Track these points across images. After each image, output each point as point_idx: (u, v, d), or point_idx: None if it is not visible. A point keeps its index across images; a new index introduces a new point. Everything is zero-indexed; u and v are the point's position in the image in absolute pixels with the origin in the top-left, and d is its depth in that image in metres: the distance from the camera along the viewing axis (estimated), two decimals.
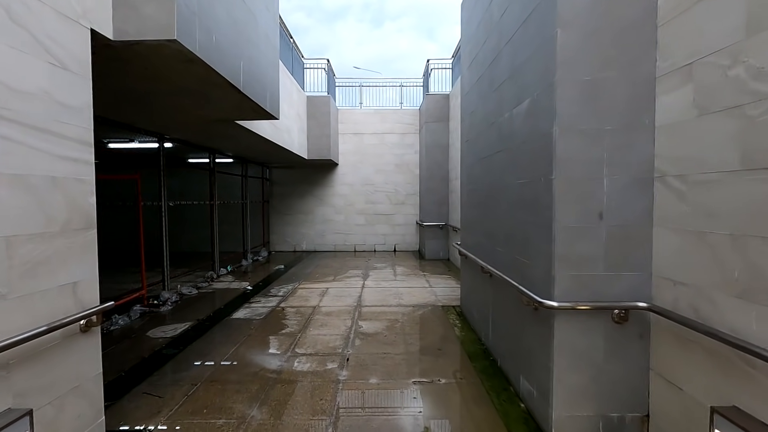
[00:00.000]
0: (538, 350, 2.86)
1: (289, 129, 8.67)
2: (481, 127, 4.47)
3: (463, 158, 5.55)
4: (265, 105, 4.82)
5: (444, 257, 10.66)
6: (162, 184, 6.42)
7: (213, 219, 8.45)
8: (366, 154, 12.31)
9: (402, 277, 8.31)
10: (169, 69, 3.32)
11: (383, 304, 6.17)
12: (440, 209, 10.60)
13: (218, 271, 8.48)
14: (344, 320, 5.33)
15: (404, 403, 3.25)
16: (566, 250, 2.58)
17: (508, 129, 3.56)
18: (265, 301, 6.41)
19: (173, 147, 7.56)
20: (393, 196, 12.39)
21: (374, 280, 7.94)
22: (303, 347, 4.38)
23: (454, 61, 10.59)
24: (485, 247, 4.32)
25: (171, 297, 6.31)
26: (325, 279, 8.12)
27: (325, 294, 6.82)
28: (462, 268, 5.73)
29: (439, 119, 10.54)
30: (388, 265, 9.83)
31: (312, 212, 12.43)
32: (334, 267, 9.57)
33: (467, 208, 5.31)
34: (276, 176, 12.44)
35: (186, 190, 11.33)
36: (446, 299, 6.43)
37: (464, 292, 5.57)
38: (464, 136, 5.46)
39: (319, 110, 10.55)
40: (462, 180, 5.64)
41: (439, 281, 7.83)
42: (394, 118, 12.30)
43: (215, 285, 7.64)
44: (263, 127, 6.84)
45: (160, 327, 5.09)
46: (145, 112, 4.86)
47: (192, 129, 6.05)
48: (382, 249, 12.44)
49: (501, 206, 3.79)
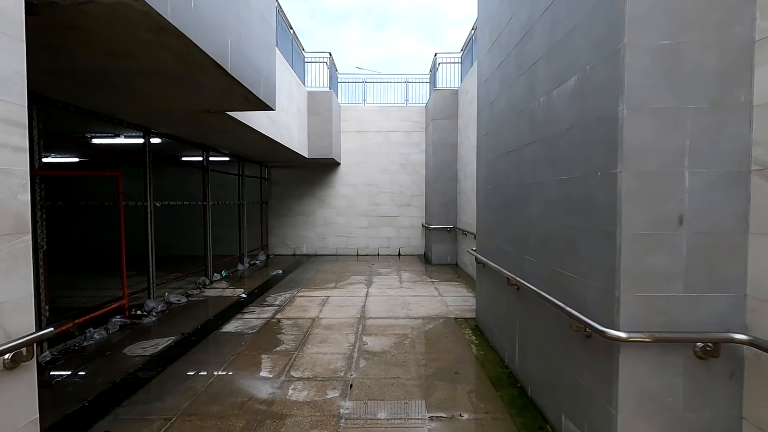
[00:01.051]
0: (593, 387, 2.28)
1: (288, 125, 8.12)
2: (506, 117, 3.90)
3: (480, 154, 4.98)
4: (259, 92, 4.26)
5: (452, 262, 10.08)
6: (148, 182, 5.86)
7: (206, 221, 7.90)
8: (369, 153, 11.76)
9: (409, 284, 7.73)
10: (138, 41, 2.76)
11: (390, 315, 5.59)
12: (448, 211, 10.02)
13: (211, 277, 7.92)
14: (347, 335, 4.76)
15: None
16: (635, 265, 2.00)
17: (543, 116, 3.00)
18: (260, 311, 5.83)
19: (163, 143, 7.01)
20: (398, 197, 11.82)
21: (379, 288, 7.36)
22: (299, 369, 3.81)
23: (463, 55, 10.03)
24: (510, 255, 3.74)
25: (156, 306, 5.75)
26: (326, 286, 7.54)
27: (326, 303, 6.24)
28: (478, 277, 5.15)
29: (447, 116, 9.97)
30: (393, 270, 9.25)
31: (313, 214, 11.87)
32: (335, 272, 8.99)
33: (486, 210, 4.73)
34: (275, 176, 11.89)
35: (181, 191, 10.78)
36: (459, 310, 5.84)
37: (481, 304, 4.99)
38: (482, 130, 4.89)
39: (321, 106, 10.01)
40: (479, 178, 5.07)
41: (449, 289, 7.25)
42: (400, 116, 11.74)
43: (207, 292, 7.07)
44: (259, 122, 6.28)
45: (139, 342, 4.52)
46: (124, 99, 4.31)
47: (180, 122, 5.50)
48: (386, 253, 11.86)
49: (532, 207, 3.22)
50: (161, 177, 11.99)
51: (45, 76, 3.48)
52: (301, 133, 9.28)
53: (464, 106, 9.18)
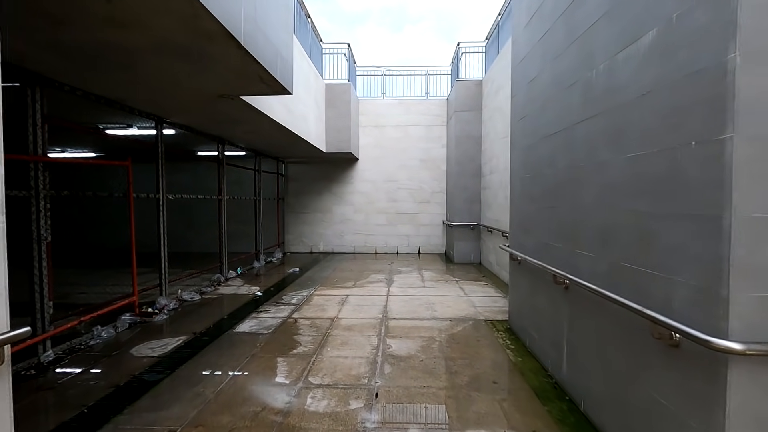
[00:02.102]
0: (682, 410, 1.84)
1: (305, 116, 7.80)
2: (549, 95, 3.46)
3: (515, 141, 4.54)
4: (275, 73, 3.92)
5: (475, 261, 9.60)
6: (160, 174, 5.61)
7: (221, 216, 7.65)
8: (388, 148, 11.38)
9: (431, 283, 7.31)
10: (139, 2, 2.44)
11: (414, 316, 5.19)
12: (471, 208, 9.56)
13: (226, 274, 7.66)
14: (369, 337, 4.38)
15: None
16: (751, 257, 1.56)
17: (604, 85, 2.55)
18: (276, 310, 5.51)
19: (177, 134, 6.78)
20: (417, 193, 11.40)
21: (400, 287, 6.97)
22: (318, 375, 3.45)
23: (487, 44, 9.55)
24: (556, 249, 3.30)
25: (169, 304, 5.49)
26: (345, 284, 7.19)
27: (345, 303, 5.88)
28: (512, 275, 4.70)
29: (471, 108, 9.51)
30: (414, 269, 8.84)
31: (330, 211, 11.56)
32: (353, 270, 8.64)
33: (522, 201, 4.29)
34: (292, 172, 11.63)
35: (198, 186, 10.62)
36: (488, 311, 5.40)
37: (516, 304, 4.54)
38: (517, 114, 4.44)
39: (339, 99, 9.67)
40: (513, 168, 4.62)
41: (475, 289, 6.80)
42: (420, 109, 11.33)
43: (221, 290, 6.80)
44: (276, 110, 5.97)
45: (148, 342, 4.24)
46: (132, 83, 4.03)
47: (193, 109, 5.22)
48: (405, 251, 11.46)
49: (586, 194, 2.78)
50: (177, 172, 11.85)
51: (47, 52, 3.21)
52: (318, 126, 8.96)
53: (489, 97, 8.70)
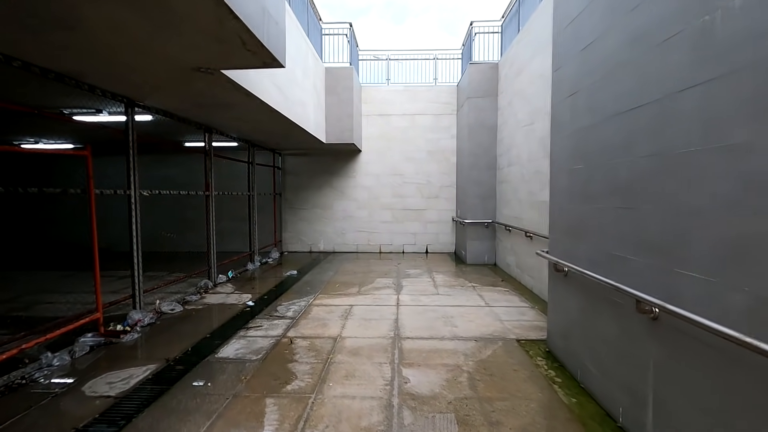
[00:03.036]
0: None
1: (303, 102, 6.95)
2: (621, 59, 2.61)
3: (559, 125, 3.69)
4: (262, 34, 3.08)
5: (489, 262, 8.79)
6: (132, 166, 4.77)
7: (209, 214, 6.82)
8: (393, 139, 10.52)
9: (445, 289, 6.50)
10: None
11: (432, 334, 4.38)
12: (485, 204, 8.72)
13: (215, 279, 6.85)
14: (380, 366, 3.58)
15: None
16: None
17: (739, 29, 1.72)
18: (269, 326, 4.71)
19: (157, 121, 5.94)
20: (425, 188, 10.57)
21: (410, 294, 6.16)
22: (319, 427, 2.64)
23: (504, 23, 8.66)
24: (635, 264, 2.47)
25: (143, 318, 4.69)
26: (348, 291, 6.38)
27: (349, 315, 5.08)
28: (554, 288, 3.88)
29: (485, 94, 8.63)
30: (424, 271, 8.03)
31: (331, 207, 10.73)
32: (357, 273, 7.83)
33: (571, 199, 3.45)
34: (289, 165, 10.78)
35: (190, 181, 9.81)
36: (518, 328, 4.60)
37: (559, 324, 3.72)
38: (562, 91, 3.60)
39: (341, 84, 8.80)
40: (556, 158, 3.77)
41: (497, 297, 5.99)
42: (428, 97, 10.45)
43: (208, 298, 5.99)
44: (269, 92, 5.13)
45: (108, 374, 3.43)
46: (81, 47, 3.18)
47: (168, 88, 4.37)
48: (412, 250, 10.65)
49: (702, 191, 1.94)
50: (166, 166, 11.06)
51: None
52: (317, 113, 8.11)
53: (507, 81, 7.83)
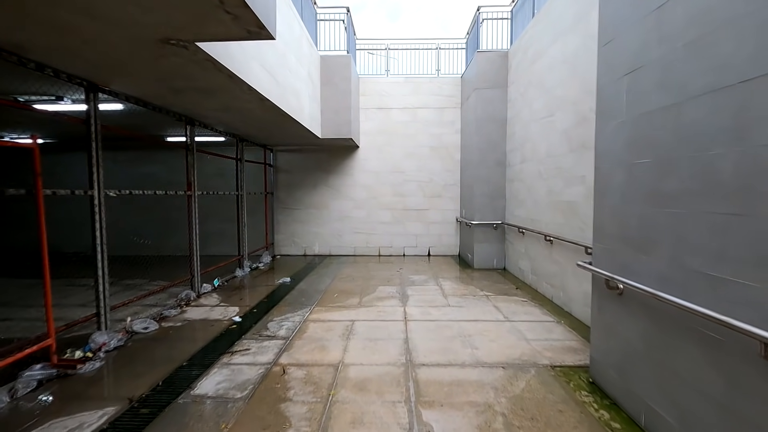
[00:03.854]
0: None
1: (297, 91, 6.24)
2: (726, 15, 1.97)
3: (609, 111, 3.04)
4: None
5: (498, 266, 8.16)
6: (95, 162, 4.05)
7: (191, 216, 6.10)
8: (394, 133, 9.84)
9: (456, 299, 5.85)
10: None
11: (450, 360, 3.72)
12: (494, 203, 8.09)
13: (199, 289, 6.13)
14: (393, 406, 2.91)
15: None
16: None
17: None
18: (258, 349, 4.02)
19: (131, 111, 5.20)
20: (427, 186, 9.91)
21: (418, 305, 5.51)
22: None
23: (514, 9, 8.01)
24: (755, 293, 1.83)
25: (109, 341, 3.97)
26: (348, 302, 5.71)
27: (351, 333, 4.41)
28: (602, 308, 3.22)
29: (494, 84, 7.98)
30: (429, 277, 7.37)
31: (326, 207, 10.03)
32: (357, 280, 7.16)
33: (630, 200, 2.80)
34: (282, 162, 10.05)
35: (175, 180, 9.08)
36: (548, 349, 3.96)
37: (614, 354, 3.07)
38: (616, 68, 2.94)
39: (338, 74, 8.10)
40: (604, 151, 3.12)
41: (514, 308, 5.35)
42: (430, 89, 9.78)
43: (189, 313, 5.27)
44: (257, 76, 4.43)
45: (51, 424, 2.72)
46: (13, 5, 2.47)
47: (135, 68, 3.65)
48: (413, 253, 9.99)
49: None
50: (149, 163, 10.28)
51: None
52: (312, 105, 7.40)
53: (520, 70, 7.19)
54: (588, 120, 4.64)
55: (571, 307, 5.08)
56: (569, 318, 4.91)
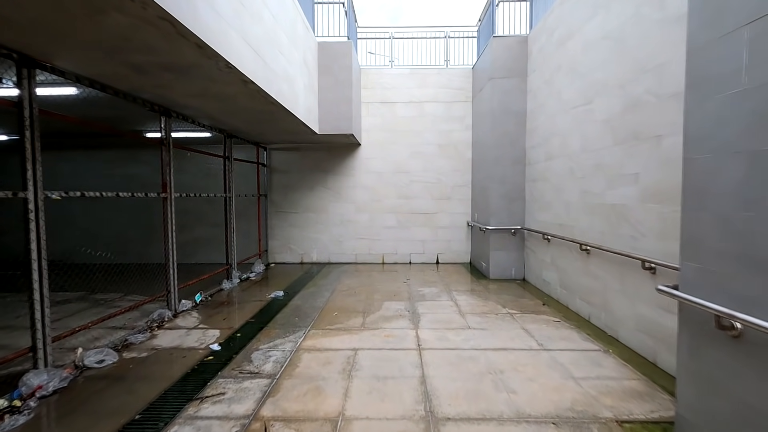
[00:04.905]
0: None
1: (290, 77, 5.42)
2: None
3: (704, 84, 2.19)
4: None
5: (517, 276, 7.31)
6: (32, 157, 3.21)
7: (167, 222, 5.25)
8: (398, 130, 9.01)
9: (476, 319, 5.00)
10: None
11: (483, 411, 2.86)
12: (512, 206, 7.25)
13: (176, 306, 5.28)
14: None
15: None
16: None
17: None
18: (235, 392, 3.17)
19: (89, 97, 4.38)
20: (435, 188, 9.07)
21: (433, 327, 4.66)
22: None
23: None
24: None
25: (48, 383, 3.13)
26: (349, 322, 4.86)
27: (354, 369, 3.56)
28: (702, 352, 2.35)
29: (512, 73, 7.16)
30: (441, 290, 6.52)
31: (325, 210, 9.19)
32: (359, 293, 6.31)
33: (753, 206, 1.96)
34: (277, 161, 9.21)
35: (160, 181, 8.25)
36: (606, 393, 3.10)
37: (721, 421, 2.21)
38: (720, 22, 2.11)
39: (337, 63, 7.28)
40: (698, 136, 2.26)
41: (548, 332, 4.50)
42: (438, 81, 8.95)
43: (160, 338, 4.42)
44: (238, 52, 3.59)
45: None
46: None
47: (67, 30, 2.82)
48: (420, 260, 9.14)
49: None
50: (133, 163, 9.42)
51: None
52: (309, 97, 6.58)
53: (543, 56, 6.36)
54: (642, 105, 3.80)
55: (618, 331, 4.23)
56: (617, 346, 4.06)
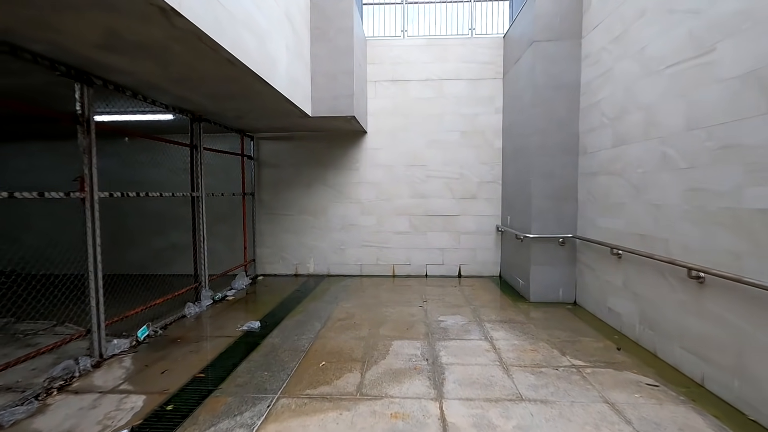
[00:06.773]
0: None
1: (259, 28, 3.87)
2: None
3: None
4: None
5: (566, 299, 5.64)
6: None
7: (88, 230, 3.74)
8: (412, 114, 7.39)
9: (527, 377, 3.38)
10: None
11: None
12: (561, 208, 5.58)
13: (102, 349, 3.78)
14: None
15: None
16: None
17: None
18: None
19: None
20: (457, 184, 7.44)
21: (464, 395, 3.06)
22: None
23: None
24: None
25: None
26: (340, 383, 3.30)
27: None
28: None
29: (560, 35, 5.47)
30: (470, 320, 4.91)
31: (324, 212, 7.64)
32: (360, 325, 4.74)
33: None
34: (266, 153, 7.69)
35: (136, 179, 6.88)
36: None
37: None
38: None
39: (335, 25, 5.70)
40: None
41: (649, 411, 2.85)
42: (461, 54, 7.29)
43: (49, 414, 2.90)
44: None
45: None
46: None
47: None
48: (438, 272, 7.53)
49: None
50: (100, 156, 8.07)
51: None
52: (294, 64, 5.02)
53: (608, 5, 4.67)
54: None
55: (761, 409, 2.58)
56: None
